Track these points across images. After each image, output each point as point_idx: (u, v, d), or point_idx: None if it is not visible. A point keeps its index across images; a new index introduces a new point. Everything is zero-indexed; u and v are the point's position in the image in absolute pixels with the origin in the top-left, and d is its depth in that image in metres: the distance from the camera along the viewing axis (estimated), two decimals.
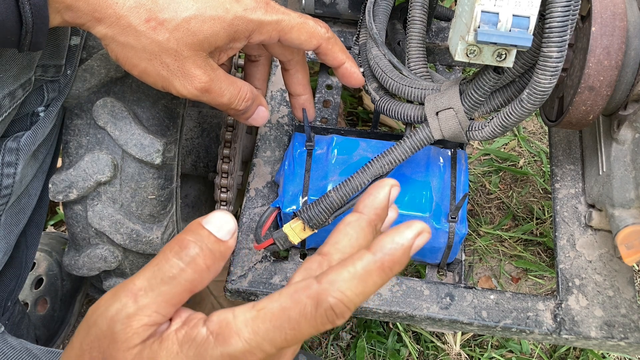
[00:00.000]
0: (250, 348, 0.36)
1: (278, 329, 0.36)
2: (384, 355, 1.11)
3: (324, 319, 0.36)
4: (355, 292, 0.36)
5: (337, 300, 0.36)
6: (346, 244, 0.40)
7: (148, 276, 0.39)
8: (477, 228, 1.25)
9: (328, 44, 0.64)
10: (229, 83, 0.60)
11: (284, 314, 0.37)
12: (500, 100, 0.70)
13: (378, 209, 0.40)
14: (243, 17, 0.56)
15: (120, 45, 0.54)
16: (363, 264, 0.37)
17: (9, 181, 0.66)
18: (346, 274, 0.36)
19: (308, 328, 0.36)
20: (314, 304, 0.36)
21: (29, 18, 0.49)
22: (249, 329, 0.37)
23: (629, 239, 0.70)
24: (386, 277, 0.37)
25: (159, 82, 0.57)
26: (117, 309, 0.38)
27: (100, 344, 0.38)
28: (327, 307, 0.36)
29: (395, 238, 0.37)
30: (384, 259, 0.37)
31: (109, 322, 0.38)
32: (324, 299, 0.36)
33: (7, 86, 0.60)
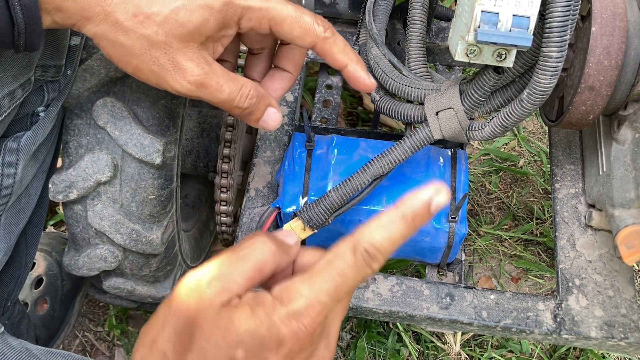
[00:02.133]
0: (310, 302, 0.43)
1: (329, 279, 0.43)
2: (384, 355, 1.11)
3: (361, 263, 0.44)
4: (383, 236, 0.44)
5: (368, 244, 0.44)
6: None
7: (226, 255, 0.46)
8: (477, 228, 1.25)
9: (325, 43, 0.60)
10: (228, 78, 0.57)
11: (330, 265, 0.44)
12: (500, 100, 0.70)
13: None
14: (232, 2, 0.55)
15: (111, 43, 0.54)
16: (388, 215, 0.44)
17: (9, 181, 0.66)
18: (374, 224, 0.44)
19: (351, 273, 0.44)
20: (351, 251, 0.44)
21: (20, 19, 0.49)
22: (306, 286, 0.43)
23: (629, 239, 0.70)
24: (410, 227, 0.44)
25: (152, 79, 0.56)
26: (204, 272, 0.45)
27: (187, 303, 0.44)
28: (362, 251, 0.44)
29: (416, 194, 0.44)
30: (405, 210, 0.44)
31: (196, 282, 0.44)
32: (357, 245, 0.44)
33: (7, 86, 0.59)
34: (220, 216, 0.94)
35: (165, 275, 0.85)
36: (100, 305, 1.16)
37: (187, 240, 0.97)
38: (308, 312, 0.43)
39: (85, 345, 1.12)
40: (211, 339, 0.42)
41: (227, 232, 0.97)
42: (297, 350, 0.43)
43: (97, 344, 1.12)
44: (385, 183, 0.78)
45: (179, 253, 0.88)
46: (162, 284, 0.86)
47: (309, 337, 0.43)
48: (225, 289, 0.44)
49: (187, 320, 0.43)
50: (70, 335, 1.13)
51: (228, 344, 0.42)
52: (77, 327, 1.14)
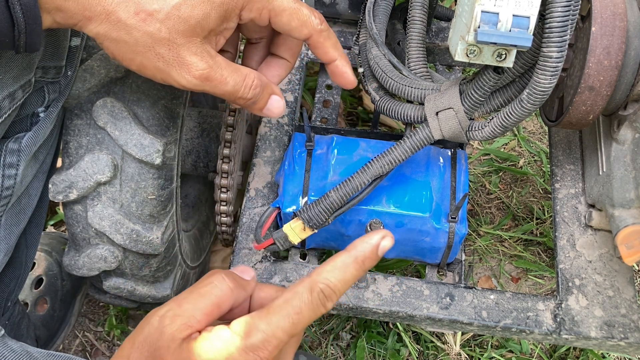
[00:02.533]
0: (267, 337, 0.47)
1: (286, 316, 0.48)
2: (384, 355, 1.11)
3: (317, 302, 0.49)
4: (337, 279, 0.50)
5: (324, 285, 0.49)
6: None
7: (188, 291, 0.51)
8: (477, 228, 1.25)
9: (320, 36, 0.61)
10: (232, 70, 0.58)
11: (288, 303, 0.49)
12: (500, 100, 0.70)
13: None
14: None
15: (113, 41, 0.54)
16: (342, 259, 0.51)
17: (10, 182, 0.66)
18: (329, 267, 0.51)
19: (307, 311, 0.49)
20: (308, 292, 0.49)
21: (20, 19, 0.49)
22: (264, 322, 0.48)
23: (629, 239, 0.70)
24: (360, 269, 0.51)
25: (157, 75, 0.56)
26: (166, 310, 0.50)
27: (151, 338, 0.48)
28: (318, 291, 0.49)
29: (365, 239, 0.52)
30: (357, 254, 0.51)
31: (159, 319, 0.49)
32: (315, 286, 0.49)
33: (7, 87, 0.59)
34: (220, 216, 0.94)
35: (165, 275, 0.85)
36: (100, 305, 1.16)
37: (187, 240, 0.97)
38: (265, 346, 0.47)
39: (85, 345, 1.12)
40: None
41: (227, 232, 0.97)
42: None
43: (97, 344, 1.13)
44: (385, 183, 0.78)
45: (179, 253, 0.88)
46: (162, 284, 0.86)
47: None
48: (186, 325, 0.48)
49: (150, 353, 0.48)
50: (70, 335, 1.13)
51: None
52: (77, 327, 1.14)
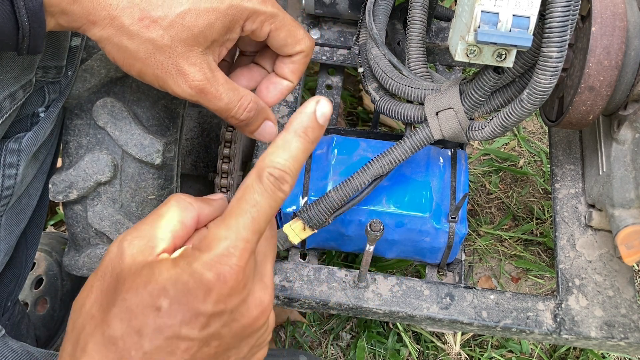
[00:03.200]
0: (231, 241, 0.42)
1: (243, 213, 0.43)
2: (384, 355, 1.11)
3: (271, 187, 0.44)
4: (283, 157, 0.45)
5: (272, 168, 0.44)
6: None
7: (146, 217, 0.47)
8: (477, 228, 1.25)
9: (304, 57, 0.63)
10: (229, 88, 0.58)
11: (242, 201, 0.43)
12: (500, 100, 0.70)
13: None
14: (238, 6, 0.55)
15: (115, 46, 0.54)
16: (281, 137, 0.46)
17: (10, 182, 0.66)
18: (271, 149, 0.45)
19: (264, 200, 0.43)
20: (257, 181, 0.44)
21: (25, 22, 0.49)
22: (222, 228, 0.42)
23: (629, 239, 0.70)
24: (305, 141, 0.46)
25: (155, 82, 0.57)
26: (124, 235, 0.45)
27: (112, 265, 0.44)
28: (267, 176, 0.44)
29: (299, 110, 0.47)
30: (296, 127, 0.46)
31: (118, 245, 0.44)
32: (261, 172, 0.44)
33: (8, 87, 0.59)
34: None
35: None
36: None
37: None
38: (231, 251, 0.42)
39: None
40: (132, 290, 0.42)
41: None
42: (227, 293, 0.41)
43: None
44: (385, 183, 0.78)
45: None
46: None
47: (238, 278, 0.42)
48: (147, 246, 0.44)
49: (111, 279, 0.43)
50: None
51: (150, 293, 0.41)
52: None
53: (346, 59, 0.99)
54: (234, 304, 0.42)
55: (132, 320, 0.41)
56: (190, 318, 0.41)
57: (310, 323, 1.15)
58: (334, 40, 0.99)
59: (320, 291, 0.78)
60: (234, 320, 0.43)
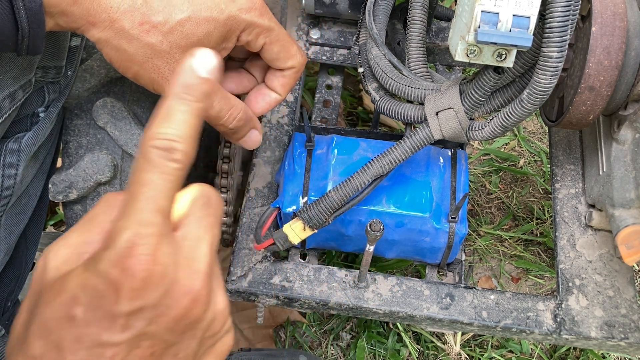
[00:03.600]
0: (132, 230, 0.37)
1: (136, 197, 0.38)
2: (384, 355, 1.11)
3: (158, 160, 0.38)
4: (164, 125, 0.39)
5: (154, 139, 0.38)
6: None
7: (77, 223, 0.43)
8: (477, 228, 1.25)
9: (295, 73, 0.63)
10: (221, 96, 0.59)
11: (132, 185, 0.38)
12: (501, 100, 0.70)
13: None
14: (236, 17, 0.56)
15: (114, 48, 0.54)
16: (162, 107, 0.39)
17: (10, 182, 0.66)
18: (152, 121, 0.39)
19: (154, 175, 0.38)
20: (143, 158, 0.38)
21: (24, 23, 0.50)
22: (121, 220, 0.37)
23: (629, 239, 0.70)
24: (188, 102, 0.39)
25: (150, 85, 0.57)
26: (51, 246, 0.41)
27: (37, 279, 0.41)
28: (152, 149, 0.38)
29: (177, 70, 0.39)
30: (174, 90, 0.39)
31: (43, 257, 0.41)
32: (145, 148, 0.38)
33: (7, 87, 0.60)
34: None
35: None
36: None
37: None
38: (135, 240, 0.37)
39: None
40: (46, 303, 0.38)
41: (227, 232, 0.97)
42: (140, 287, 0.37)
43: None
44: (385, 183, 0.78)
45: None
46: None
47: (149, 268, 0.37)
48: (74, 254, 0.40)
49: (34, 296, 0.40)
50: None
51: (62, 303, 0.38)
52: None
53: (346, 59, 0.99)
54: (154, 297, 0.37)
55: (50, 336, 0.38)
56: (107, 322, 0.37)
57: (310, 323, 1.15)
58: (334, 40, 0.99)
59: (320, 291, 0.78)
60: (161, 315, 0.38)
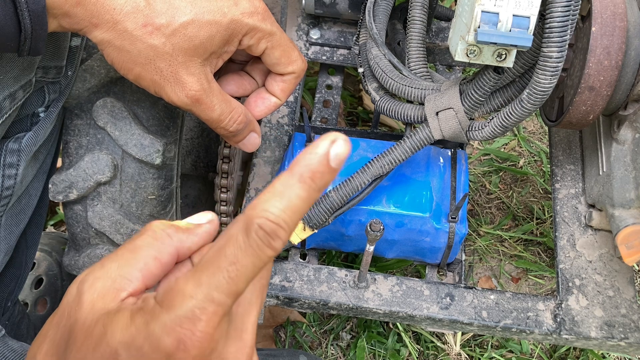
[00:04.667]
0: (198, 302, 0.35)
1: (218, 271, 0.35)
2: (384, 355, 1.11)
3: (258, 243, 0.35)
4: (279, 207, 0.36)
5: (264, 220, 0.35)
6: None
7: (115, 250, 0.40)
8: (477, 228, 1.25)
9: (295, 78, 0.64)
10: (223, 100, 0.59)
11: (220, 254, 0.35)
12: (500, 100, 0.70)
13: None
14: (239, 21, 0.56)
15: (116, 49, 0.54)
16: (281, 181, 0.36)
17: (10, 182, 0.66)
18: (267, 195, 0.36)
19: (247, 257, 0.35)
20: (244, 232, 0.35)
21: (27, 24, 0.50)
22: (191, 283, 0.35)
23: (629, 239, 0.70)
24: (310, 189, 0.37)
25: (152, 87, 0.58)
26: (86, 274, 0.39)
27: (69, 310, 0.38)
28: (257, 229, 0.35)
29: (309, 149, 0.37)
30: (302, 170, 0.37)
31: (78, 286, 0.38)
32: (250, 224, 0.35)
33: (8, 88, 0.60)
34: (221, 216, 0.94)
35: None
36: None
37: None
38: (197, 314, 0.35)
39: None
40: (82, 351, 0.37)
41: None
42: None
43: None
44: (385, 183, 0.78)
45: None
46: None
47: (203, 345, 0.35)
48: (112, 289, 0.38)
49: (65, 329, 0.38)
50: None
51: (101, 357, 0.36)
52: None
53: (346, 59, 0.99)
54: None
55: None
56: None
57: (310, 323, 1.15)
58: (334, 40, 0.99)
59: (320, 291, 0.78)
60: None
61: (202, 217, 0.43)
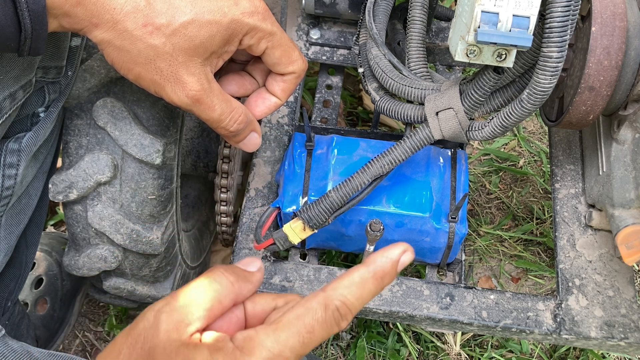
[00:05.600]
0: (273, 356, 0.42)
1: (296, 335, 0.43)
2: (384, 355, 1.11)
3: (331, 321, 0.44)
4: (355, 296, 0.45)
5: (341, 303, 0.44)
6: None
7: (186, 286, 0.46)
8: (477, 228, 1.25)
9: (295, 78, 0.64)
10: (223, 100, 0.59)
11: (300, 320, 0.43)
12: (500, 100, 0.70)
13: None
14: (239, 20, 0.56)
15: (116, 49, 0.54)
16: (360, 273, 0.46)
17: (10, 182, 0.66)
18: (346, 282, 0.45)
19: (320, 330, 0.43)
20: (322, 308, 0.44)
21: (27, 25, 0.50)
22: (271, 338, 0.42)
23: (629, 239, 0.70)
24: (379, 286, 0.46)
25: (152, 87, 0.57)
26: (162, 304, 0.45)
27: (145, 335, 0.44)
28: (334, 309, 0.44)
29: (385, 253, 0.47)
30: (376, 269, 0.46)
31: (155, 315, 0.44)
32: (330, 302, 0.44)
33: (8, 88, 0.60)
34: (220, 216, 0.94)
35: (165, 275, 0.85)
36: (100, 305, 1.16)
37: (187, 240, 0.97)
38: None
39: (85, 345, 1.12)
40: None
41: (227, 232, 0.97)
42: None
43: (97, 344, 1.13)
44: (385, 183, 0.78)
45: (179, 253, 0.88)
46: (162, 284, 0.86)
47: None
48: (183, 323, 0.44)
49: (143, 352, 0.43)
50: (71, 335, 1.13)
51: None
52: (77, 327, 1.14)
53: (346, 59, 0.99)
54: None
55: None
56: None
57: None
58: (334, 40, 0.99)
59: None
60: None
61: (252, 265, 0.51)
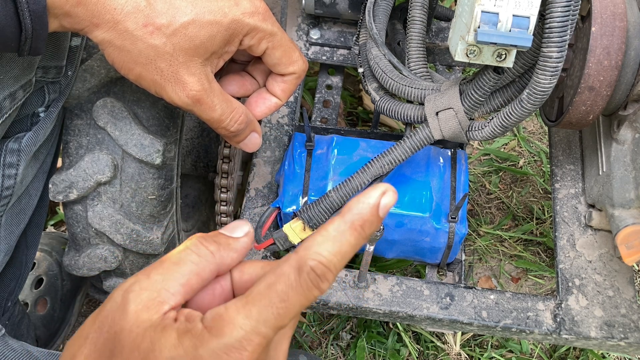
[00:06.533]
0: (246, 334, 0.37)
1: (268, 306, 0.38)
2: (384, 355, 1.11)
3: (308, 284, 0.38)
4: (332, 252, 0.39)
5: (316, 262, 0.38)
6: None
7: (159, 261, 0.42)
8: (477, 228, 1.25)
9: (295, 79, 0.64)
10: (224, 100, 0.59)
11: (271, 289, 0.38)
12: (500, 100, 0.70)
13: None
14: (240, 21, 0.57)
15: (117, 49, 0.55)
16: (335, 226, 0.39)
17: (10, 182, 0.66)
18: (320, 238, 0.39)
19: (296, 296, 0.38)
20: (295, 272, 0.38)
21: (28, 25, 0.50)
22: (242, 314, 0.38)
23: (629, 239, 0.70)
24: (360, 236, 0.40)
25: (152, 87, 0.58)
26: (131, 282, 0.40)
27: (112, 317, 0.40)
28: (309, 271, 0.38)
29: (361, 198, 0.40)
30: (354, 218, 0.39)
31: (123, 293, 0.40)
32: (303, 264, 0.38)
33: (8, 87, 0.60)
34: (220, 216, 0.94)
35: None
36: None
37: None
38: (243, 345, 0.37)
39: None
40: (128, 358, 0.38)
41: None
42: None
43: None
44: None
45: None
46: None
47: None
48: (155, 301, 0.39)
49: (109, 336, 0.39)
50: (71, 335, 1.13)
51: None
52: (77, 327, 1.14)
53: (346, 59, 0.99)
54: None
55: None
56: None
57: (310, 323, 1.15)
58: (334, 40, 0.99)
59: None
60: None
61: (239, 229, 0.45)
